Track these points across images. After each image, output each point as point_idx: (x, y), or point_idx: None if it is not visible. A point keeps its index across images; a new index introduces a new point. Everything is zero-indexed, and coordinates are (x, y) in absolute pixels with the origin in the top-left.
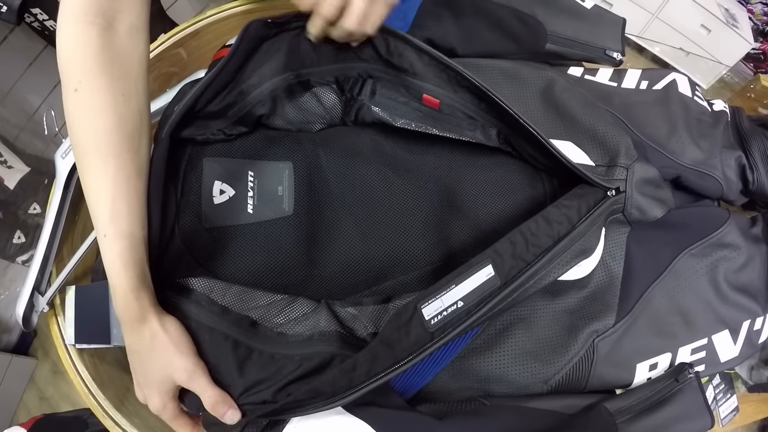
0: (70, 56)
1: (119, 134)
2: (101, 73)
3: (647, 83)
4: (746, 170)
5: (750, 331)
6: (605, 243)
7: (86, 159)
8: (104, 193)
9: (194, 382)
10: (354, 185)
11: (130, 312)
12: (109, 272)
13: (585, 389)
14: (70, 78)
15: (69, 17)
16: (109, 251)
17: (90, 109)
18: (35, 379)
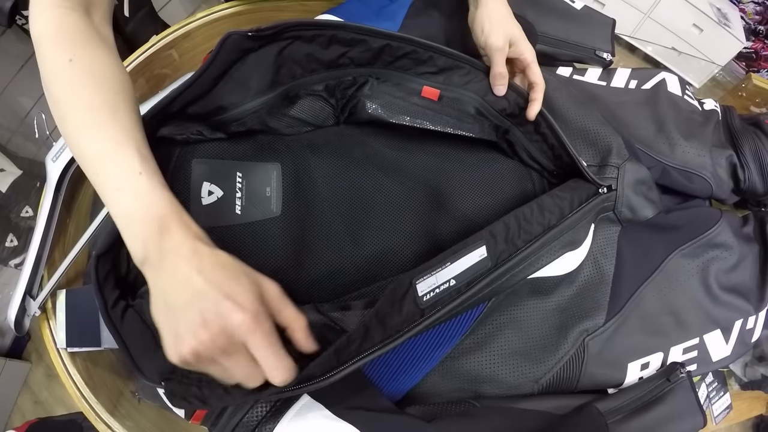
0: (57, 32)
1: (125, 95)
2: (94, 46)
3: (636, 82)
4: (737, 169)
5: (742, 330)
6: (596, 240)
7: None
8: (125, 141)
9: (286, 300)
10: (343, 186)
11: (194, 231)
12: (153, 203)
13: (576, 389)
14: (61, 51)
15: (45, 4)
16: (152, 183)
17: (92, 73)
18: (29, 382)
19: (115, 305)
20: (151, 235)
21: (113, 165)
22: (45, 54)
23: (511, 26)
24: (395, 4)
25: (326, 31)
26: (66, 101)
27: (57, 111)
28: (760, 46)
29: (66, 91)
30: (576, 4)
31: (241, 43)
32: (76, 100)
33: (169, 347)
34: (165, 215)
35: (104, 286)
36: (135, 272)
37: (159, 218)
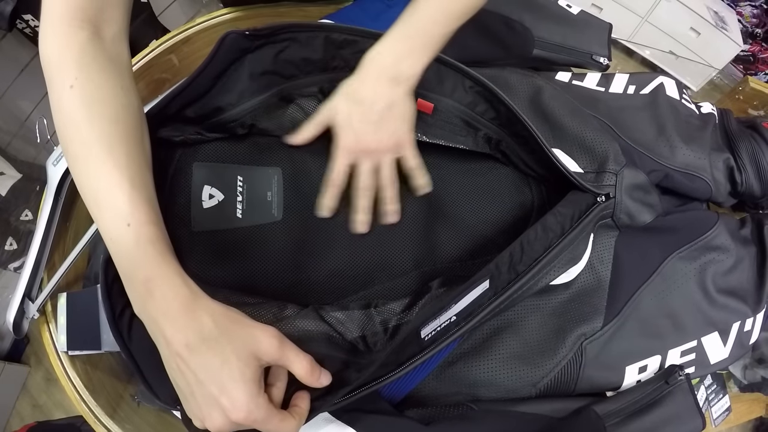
0: (60, 55)
1: (124, 125)
2: (98, 70)
3: (634, 87)
4: (734, 172)
5: (740, 332)
6: (593, 247)
7: (90, 151)
8: (118, 182)
9: (286, 349)
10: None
11: (179, 300)
12: (138, 262)
13: (574, 392)
14: (64, 76)
15: (55, 21)
16: (138, 239)
17: (90, 101)
18: (28, 386)
19: (122, 313)
20: (139, 296)
21: (105, 210)
22: (50, 78)
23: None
24: (392, 10)
25: (320, 33)
26: (64, 132)
27: (60, 139)
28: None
29: (65, 120)
30: (573, 9)
31: (239, 43)
32: (72, 132)
33: (188, 411)
34: (149, 278)
35: (112, 291)
36: None
37: (144, 280)
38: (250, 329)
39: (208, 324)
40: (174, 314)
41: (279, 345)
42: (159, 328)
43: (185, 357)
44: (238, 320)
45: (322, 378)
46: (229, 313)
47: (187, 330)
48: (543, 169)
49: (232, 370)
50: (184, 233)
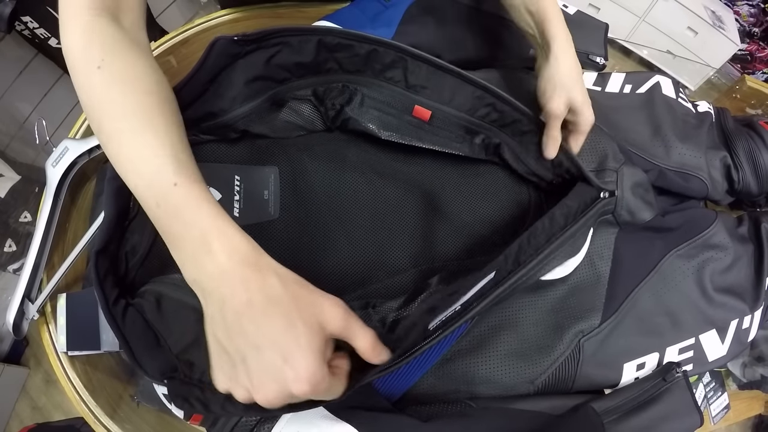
0: (84, 41)
1: (158, 96)
2: (124, 49)
3: (631, 87)
4: (731, 170)
5: (738, 330)
6: (593, 243)
7: (128, 124)
8: (161, 145)
9: (352, 321)
10: (340, 190)
11: (241, 254)
12: (192, 219)
13: (572, 390)
14: (90, 59)
15: (75, 12)
16: (188, 197)
17: (122, 77)
18: (27, 388)
19: (115, 303)
20: (194, 255)
21: (149, 176)
22: (74, 64)
23: (576, 92)
24: (390, 10)
25: (312, 36)
26: (98, 109)
27: (92, 122)
28: (755, 48)
29: (97, 99)
30: (569, 9)
31: (229, 48)
32: (107, 107)
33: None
34: (205, 233)
35: (104, 284)
36: (133, 274)
37: (200, 237)
38: (317, 296)
39: (275, 284)
40: (235, 270)
41: (345, 316)
42: (216, 286)
43: (245, 316)
44: (304, 285)
45: (383, 354)
46: (296, 276)
47: (251, 287)
48: (543, 169)
49: (299, 337)
50: None
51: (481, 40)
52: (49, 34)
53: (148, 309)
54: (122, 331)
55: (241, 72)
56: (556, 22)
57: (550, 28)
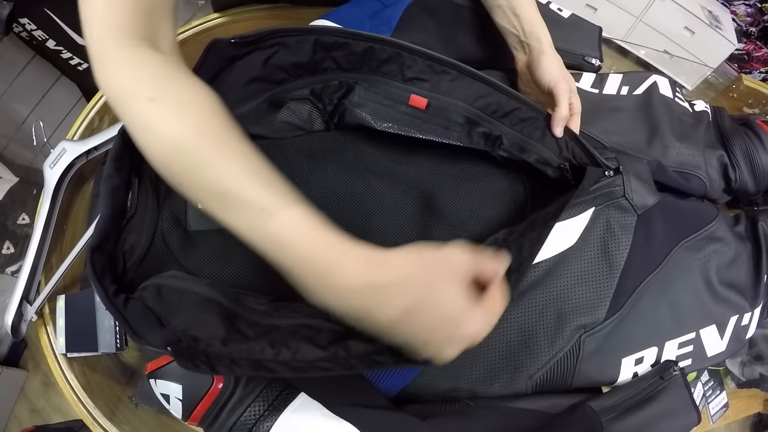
0: (130, 73)
1: (225, 115)
2: (173, 77)
3: (628, 88)
4: (728, 169)
5: (737, 326)
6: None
7: (201, 150)
8: (247, 171)
9: (481, 261)
10: (336, 191)
11: (372, 265)
12: (306, 243)
13: (570, 387)
14: (139, 92)
15: (111, 47)
16: (295, 221)
17: (178, 104)
18: (26, 391)
19: (116, 295)
20: (348, 258)
21: (240, 209)
22: (122, 99)
23: (569, 76)
24: (390, 8)
25: (309, 36)
26: (154, 141)
27: (158, 162)
28: (752, 47)
29: (159, 134)
30: (563, 12)
31: (226, 51)
32: (175, 142)
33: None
34: (350, 246)
35: (103, 280)
36: (131, 274)
37: (348, 249)
38: (444, 255)
39: (410, 270)
40: (379, 280)
41: (474, 258)
42: (371, 303)
43: (410, 312)
44: (426, 252)
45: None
46: (416, 252)
47: (397, 290)
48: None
49: (454, 303)
50: (181, 233)
51: (479, 42)
52: (47, 36)
53: (149, 298)
54: (123, 314)
55: (238, 74)
56: (536, 19)
57: (536, 30)
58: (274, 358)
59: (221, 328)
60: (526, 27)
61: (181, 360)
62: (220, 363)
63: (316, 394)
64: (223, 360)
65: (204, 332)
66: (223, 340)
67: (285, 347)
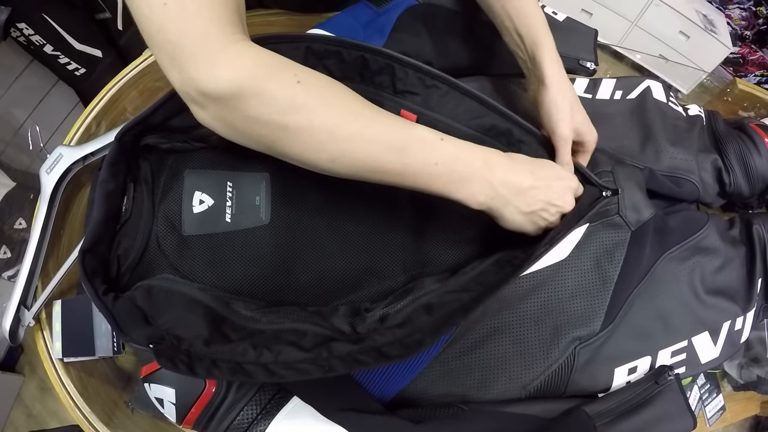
0: (263, 64)
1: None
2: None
3: (621, 93)
4: (722, 173)
5: (731, 331)
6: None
7: (364, 119)
8: (400, 121)
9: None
10: (332, 195)
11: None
12: (470, 157)
13: (564, 395)
14: (285, 79)
15: (220, 39)
16: (456, 141)
17: (324, 84)
18: (22, 396)
19: (105, 294)
20: (485, 180)
21: (417, 147)
22: (264, 89)
23: (578, 113)
24: (383, 17)
25: (301, 44)
26: (324, 119)
27: (315, 136)
28: (747, 51)
29: (316, 111)
30: (558, 16)
31: None
32: (336, 112)
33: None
34: (486, 158)
35: (94, 281)
36: (126, 278)
37: (484, 163)
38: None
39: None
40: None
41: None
42: (514, 189)
43: (544, 190)
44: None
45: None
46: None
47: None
48: None
49: (556, 186)
50: (176, 237)
51: (472, 48)
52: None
53: (140, 298)
54: (110, 310)
55: None
56: (546, 46)
57: (540, 53)
58: (255, 360)
59: (205, 329)
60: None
61: (161, 359)
62: (200, 364)
63: (308, 398)
64: (203, 361)
65: (188, 332)
66: (206, 341)
67: (267, 349)
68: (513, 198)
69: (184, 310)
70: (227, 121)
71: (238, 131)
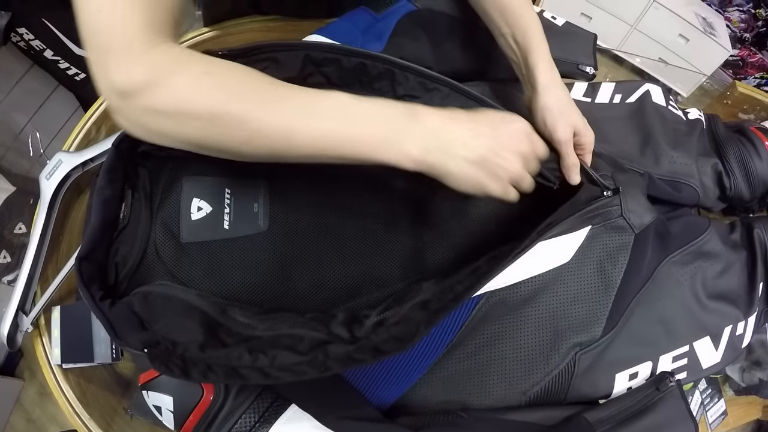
0: (174, 60)
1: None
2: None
3: (620, 96)
4: (723, 177)
5: (732, 336)
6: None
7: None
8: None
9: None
10: (329, 203)
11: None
12: (394, 115)
13: (564, 402)
14: (192, 69)
15: (140, 42)
16: (373, 102)
17: (233, 70)
18: (22, 400)
19: (102, 300)
20: (419, 136)
21: (333, 115)
22: (170, 83)
23: (574, 114)
24: (382, 22)
25: (300, 51)
26: (233, 103)
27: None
28: (747, 53)
29: (224, 95)
30: (557, 20)
31: None
32: (245, 96)
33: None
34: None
35: (90, 286)
36: (124, 285)
37: (407, 116)
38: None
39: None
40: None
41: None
42: (451, 136)
43: (489, 135)
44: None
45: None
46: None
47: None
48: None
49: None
50: (174, 244)
51: (472, 53)
52: (45, 46)
53: (137, 303)
54: (107, 316)
55: None
56: (539, 51)
57: (533, 58)
58: (251, 364)
59: (201, 334)
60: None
61: (155, 363)
62: (195, 368)
63: (307, 406)
64: (198, 365)
65: (183, 337)
66: (201, 346)
67: (263, 354)
68: (452, 146)
69: (180, 316)
70: (138, 120)
71: (151, 130)
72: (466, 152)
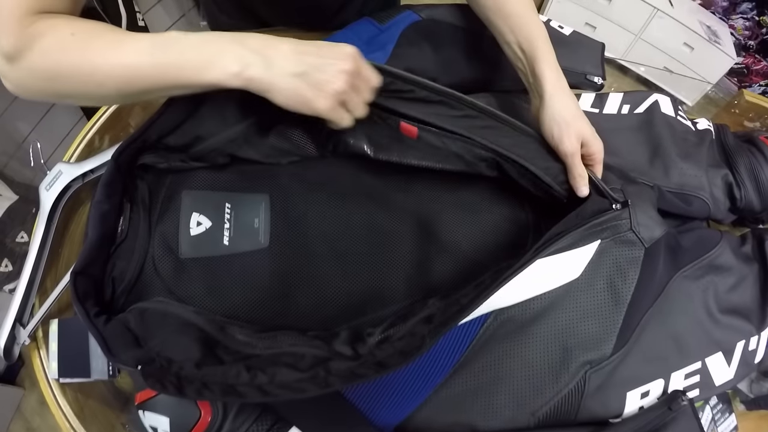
0: (52, 23)
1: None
2: (73, 20)
3: (629, 107)
4: (733, 188)
5: (745, 351)
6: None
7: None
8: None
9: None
10: (333, 218)
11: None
12: (207, 41)
13: (575, 422)
14: (60, 30)
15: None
16: (196, 36)
17: (97, 33)
18: (22, 409)
19: (97, 316)
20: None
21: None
22: (49, 47)
23: (582, 125)
24: (385, 33)
25: None
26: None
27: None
28: (751, 60)
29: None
30: (565, 30)
31: None
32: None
33: (321, 106)
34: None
35: (84, 301)
36: (122, 301)
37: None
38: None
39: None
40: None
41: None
42: (273, 52)
43: (313, 53)
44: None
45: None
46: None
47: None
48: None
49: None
50: (172, 260)
51: (477, 63)
52: None
53: (132, 320)
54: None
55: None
56: (545, 60)
57: (540, 67)
58: (249, 382)
59: (197, 351)
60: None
61: (149, 380)
62: (191, 386)
63: (308, 428)
64: (193, 383)
65: (179, 354)
66: (197, 363)
67: (262, 372)
68: (274, 59)
69: (175, 333)
70: (20, 82)
71: (30, 89)
72: (287, 64)
